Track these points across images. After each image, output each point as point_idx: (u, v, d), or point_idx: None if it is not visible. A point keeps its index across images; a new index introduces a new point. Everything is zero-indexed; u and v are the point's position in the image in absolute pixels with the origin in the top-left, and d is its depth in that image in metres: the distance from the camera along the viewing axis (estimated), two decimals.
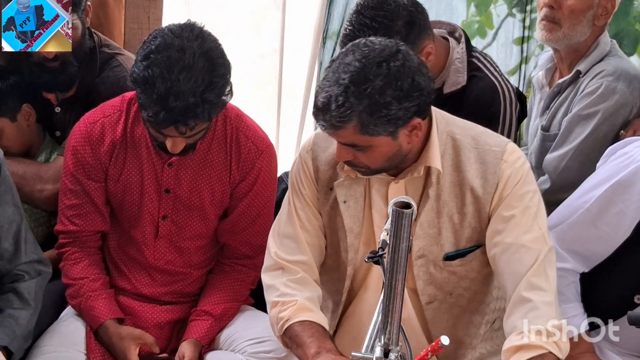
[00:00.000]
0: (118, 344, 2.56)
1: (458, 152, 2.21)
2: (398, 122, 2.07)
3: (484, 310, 2.35)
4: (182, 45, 2.33)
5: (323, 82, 2.09)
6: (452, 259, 2.26)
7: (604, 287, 2.43)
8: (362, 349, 1.87)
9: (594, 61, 2.95)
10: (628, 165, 2.35)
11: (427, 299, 2.28)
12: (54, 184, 2.78)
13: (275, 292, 2.29)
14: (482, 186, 2.19)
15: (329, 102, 2.04)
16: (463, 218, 2.21)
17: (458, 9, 4.05)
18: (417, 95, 2.07)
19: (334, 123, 2.06)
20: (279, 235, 2.36)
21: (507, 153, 2.20)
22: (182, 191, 2.61)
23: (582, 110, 2.89)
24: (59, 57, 2.76)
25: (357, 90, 2.02)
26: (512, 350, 2.08)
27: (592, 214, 2.39)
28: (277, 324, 2.25)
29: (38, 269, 2.50)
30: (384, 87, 2.03)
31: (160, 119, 2.33)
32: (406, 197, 1.82)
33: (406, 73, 2.05)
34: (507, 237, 2.16)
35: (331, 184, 2.29)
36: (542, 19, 2.96)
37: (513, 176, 2.18)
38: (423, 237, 2.22)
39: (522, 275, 2.12)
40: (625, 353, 2.46)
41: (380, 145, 2.10)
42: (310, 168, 2.33)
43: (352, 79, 2.03)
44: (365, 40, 2.11)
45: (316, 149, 2.33)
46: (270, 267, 2.35)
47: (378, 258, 1.86)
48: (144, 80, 2.32)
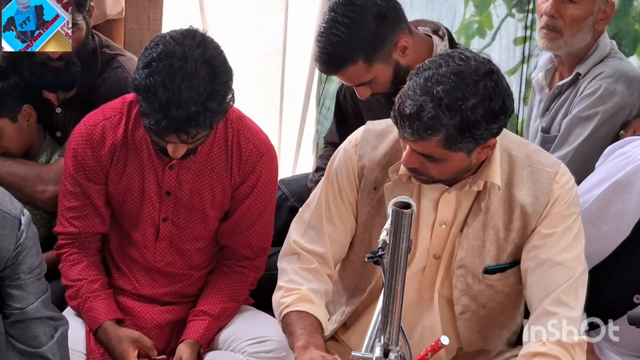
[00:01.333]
0: (117, 345, 2.56)
1: (512, 169, 2.22)
2: (479, 142, 2.08)
3: (511, 326, 2.37)
4: (184, 53, 2.32)
5: (412, 89, 2.06)
6: (492, 273, 2.27)
7: (603, 286, 2.43)
8: (362, 349, 1.87)
9: (593, 63, 2.95)
10: (627, 164, 2.35)
11: (460, 309, 2.29)
12: (55, 185, 2.77)
13: (284, 277, 2.31)
14: (532, 204, 2.20)
15: (420, 111, 2.02)
16: (508, 234, 2.23)
17: (457, 9, 4.05)
18: (504, 117, 2.08)
19: (421, 133, 2.04)
20: (303, 223, 2.37)
21: (560, 174, 2.22)
22: (183, 193, 2.61)
23: (582, 112, 2.89)
24: (63, 57, 2.76)
25: (451, 105, 2.02)
26: (528, 356, 2.11)
27: (592, 214, 2.40)
28: (278, 309, 2.27)
29: (53, 325, 2.25)
30: (476, 106, 2.03)
31: (161, 128, 2.33)
32: (406, 197, 1.81)
33: (499, 94, 2.06)
34: (543, 253, 2.18)
35: (376, 184, 2.29)
36: (542, 28, 2.95)
37: (562, 197, 2.20)
38: (467, 247, 2.23)
39: (552, 291, 2.14)
40: (625, 353, 2.46)
41: (454, 160, 2.11)
42: (354, 164, 2.32)
43: (447, 92, 2.02)
44: (459, 52, 2.10)
45: (364, 145, 2.32)
46: (287, 252, 2.37)
47: (378, 258, 1.86)
48: (146, 89, 2.32)
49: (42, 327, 2.22)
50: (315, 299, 2.26)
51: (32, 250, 2.20)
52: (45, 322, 2.23)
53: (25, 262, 2.18)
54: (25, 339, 2.21)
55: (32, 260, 2.20)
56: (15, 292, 2.18)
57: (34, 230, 2.22)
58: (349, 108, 3.11)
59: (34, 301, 2.20)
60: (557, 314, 2.11)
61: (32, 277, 2.21)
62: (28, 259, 2.18)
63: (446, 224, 2.26)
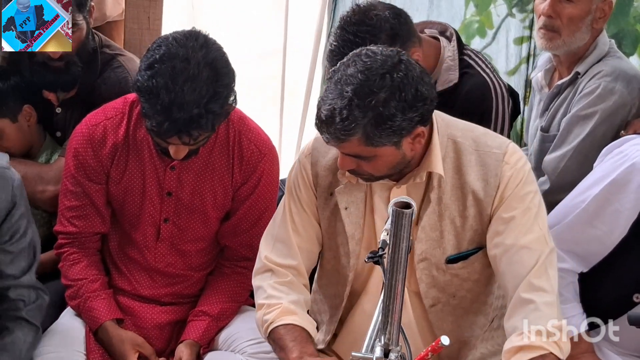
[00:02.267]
0: (118, 346, 2.56)
1: (459, 155, 2.21)
2: (402, 132, 2.07)
3: (486, 311, 2.36)
4: (187, 55, 2.32)
5: (325, 93, 2.08)
6: (455, 262, 2.26)
7: (602, 286, 2.43)
8: (362, 349, 1.87)
9: (592, 62, 2.95)
10: (623, 163, 2.35)
11: (430, 301, 2.29)
12: (55, 185, 2.78)
13: (262, 294, 2.30)
14: (484, 189, 2.19)
15: (333, 115, 2.03)
16: (465, 221, 2.22)
17: (458, 9, 4.05)
18: (421, 104, 2.07)
19: (339, 136, 2.05)
20: (272, 238, 2.36)
21: (508, 154, 2.20)
22: (184, 194, 2.61)
23: (581, 111, 2.90)
24: (63, 57, 2.76)
25: (361, 103, 2.02)
26: (512, 351, 2.08)
27: (589, 214, 2.39)
28: (262, 326, 2.27)
29: (35, 295, 2.45)
30: (387, 99, 2.03)
31: (163, 129, 2.33)
32: (406, 197, 1.82)
33: (409, 84, 2.05)
34: (507, 239, 2.16)
35: (331, 190, 2.29)
36: (540, 28, 2.95)
37: (514, 177, 2.18)
38: (425, 240, 2.22)
39: (523, 277, 2.12)
40: (625, 353, 2.46)
41: (384, 155, 2.10)
42: (309, 173, 2.33)
43: (355, 91, 2.02)
44: (366, 50, 2.10)
45: (316, 153, 2.33)
46: (260, 269, 2.36)
47: (378, 258, 1.86)
48: (148, 90, 2.32)
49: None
50: (298, 310, 2.26)
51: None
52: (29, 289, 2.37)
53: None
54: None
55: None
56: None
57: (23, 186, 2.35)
58: None
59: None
60: (532, 301, 2.09)
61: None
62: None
63: None
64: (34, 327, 2.44)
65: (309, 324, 2.26)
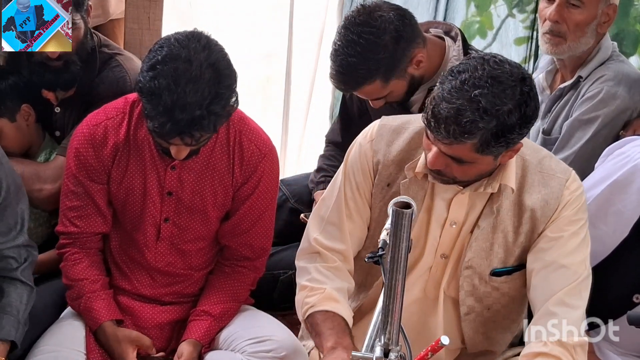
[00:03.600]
0: (116, 346, 2.56)
1: (525, 173, 2.23)
2: (510, 146, 2.09)
3: (514, 329, 2.38)
4: (189, 57, 2.32)
5: (447, 91, 2.04)
6: (499, 275, 2.28)
7: (603, 286, 2.43)
8: (362, 349, 1.87)
9: (595, 66, 2.95)
10: (625, 164, 2.35)
11: (465, 309, 2.30)
12: (52, 184, 2.78)
13: (306, 276, 2.30)
14: (542, 209, 2.21)
15: (457, 115, 2.01)
16: (517, 237, 2.24)
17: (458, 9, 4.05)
18: (534, 122, 2.10)
19: (457, 136, 2.03)
20: (322, 220, 2.35)
21: (570, 181, 2.23)
22: (184, 194, 2.61)
23: (583, 115, 2.89)
24: (62, 56, 2.76)
25: (489, 110, 2.01)
26: (530, 356, 2.11)
27: (590, 214, 2.39)
28: (302, 308, 2.26)
29: (26, 253, 2.50)
30: (512, 111, 2.03)
31: (165, 130, 2.33)
32: (406, 197, 1.81)
33: (532, 100, 2.06)
34: (549, 255, 2.19)
35: (389, 180, 2.28)
36: (546, 33, 2.94)
37: (571, 202, 2.21)
38: (475, 249, 2.24)
39: (555, 293, 2.15)
40: (625, 353, 2.46)
41: (482, 164, 2.12)
42: (370, 159, 2.31)
43: (484, 96, 2.01)
44: (491, 57, 2.09)
45: (379, 140, 2.31)
46: (306, 250, 2.35)
47: (378, 258, 1.86)
48: (150, 91, 2.32)
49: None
50: (340, 297, 2.25)
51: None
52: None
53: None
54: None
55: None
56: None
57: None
58: (354, 108, 3.11)
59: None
60: (558, 314, 2.12)
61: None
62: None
63: (457, 224, 2.26)
64: (27, 286, 2.48)
65: (349, 313, 2.26)
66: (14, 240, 2.46)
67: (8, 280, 2.46)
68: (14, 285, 2.46)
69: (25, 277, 2.48)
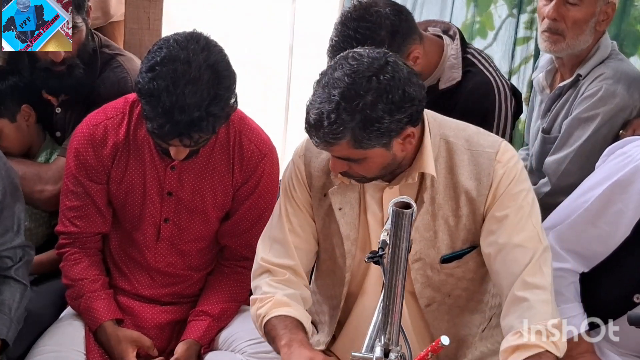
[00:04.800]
0: (116, 346, 2.56)
1: (452, 155, 2.21)
2: (391, 134, 2.07)
3: (482, 309, 2.36)
4: (188, 58, 2.32)
5: (313, 97, 2.08)
6: (449, 261, 2.26)
7: (603, 286, 2.43)
8: (362, 349, 1.87)
9: (594, 64, 2.94)
10: (627, 164, 2.35)
11: (425, 301, 2.28)
12: (54, 185, 2.78)
13: (258, 292, 2.30)
14: (476, 188, 2.19)
15: (321, 119, 2.03)
16: (458, 220, 2.22)
17: (458, 10, 4.05)
18: (409, 105, 2.06)
19: (327, 139, 2.06)
20: (269, 239, 2.36)
21: (500, 153, 2.20)
22: (184, 194, 2.61)
23: (582, 113, 2.89)
24: (66, 60, 2.76)
25: (349, 107, 2.02)
26: (509, 351, 2.08)
27: (592, 214, 2.39)
28: (257, 321, 2.26)
29: (22, 253, 2.51)
30: (375, 102, 2.02)
31: (164, 132, 2.33)
32: (406, 197, 1.81)
33: (396, 85, 2.04)
34: (500, 237, 2.16)
35: (325, 190, 2.29)
36: (544, 31, 2.94)
37: (506, 175, 2.18)
38: (419, 240, 2.22)
39: (517, 275, 2.12)
40: (625, 353, 2.46)
41: (374, 157, 2.10)
42: (302, 173, 2.32)
43: (342, 95, 2.02)
44: (352, 53, 2.10)
45: (308, 154, 2.33)
46: (257, 271, 2.35)
47: (378, 258, 1.86)
48: (149, 93, 2.32)
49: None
50: (291, 302, 2.25)
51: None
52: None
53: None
54: None
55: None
56: None
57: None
58: None
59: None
60: (527, 299, 2.09)
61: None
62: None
63: None
64: (21, 284, 2.49)
65: (303, 316, 2.24)
66: (11, 242, 2.46)
67: (1, 278, 2.47)
68: (7, 283, 2.47)
69: (19, 276, 2.49)
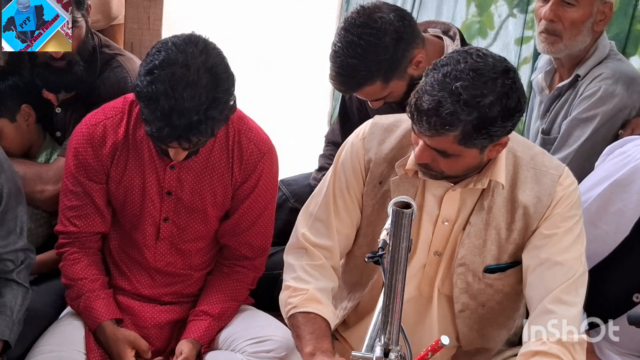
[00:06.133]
0: (114, 346, 2.56)
1: (517, 170, 2.23)
2: (493, 139, 2.09)
3: (510, 326, 2.38)
4: (187, 61, 2.32)
5: (428, 85, 2.06)
6: (492, 272, 2.27)
7: (603, 286, 2.43)
8: (362, 349, 1.87)
9: (593, 64, 2.94)
10: (626, 164, 2.35)
11: (460, 307, 2.30)
12: (54, 185, 2.77)
13: (292, 274, 2.31)
14: (535, 205, 2.21)
15: (438, 107, 2.03)
16: (510, 234, 2.24)
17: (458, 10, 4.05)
18: (518, 115, 2.09)
19: (438, 128, 2.05)
20: (311, 216, 2.36)
21: (564, 177, 2.23)
22: (184, 193, 2.61)
23: (581, 114, 2.89)
24: (65, 56, 2.76)
25: (470, 101, 2.02)
26: (529, 354, 2.10)
27: (591, 214, 2.40)
28: (285, 308, 2.28)
29: (24, 256, 2.52)
30: (494, 103, 2.03)
31: (163, 135, 2.33)
32: (406, 197, 1.81)
33: (515, 92, 2.06)
34: (544, 253, 2.18)
35: (381, 179, 2.29)
36: (542, 32, 2.94)
37: (565, 198, 2.21)
38: (468, 246, 2.24)
39: (552, 290, 2.14)
40: (625, 353, 2.46)
41: (467, 157, 2.11)
42: (361, 158, 2.32)
43: (465, 88, 2.02)
44: (476, 50, 2.11)
45: (371, 139, 2.32)
46: (294, 245, 2.37)
47: (378, 258, 1.86)
48: (148, 96, 2.32)
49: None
50: (323, 298, 2.26)
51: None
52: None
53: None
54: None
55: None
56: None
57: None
58: (353, 108, 3.12)
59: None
60: (556, 312, 2.12)
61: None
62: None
63: (449, 221, 2.26)
64: (23, 287, 2.49)
65: (331, 314, 2.26)
66: (14, 244, 2.46)
67: (3, 281, 2.47)
68: (9, 286, 2.47)
69: (21, 279, 2.49)
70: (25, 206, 2.53)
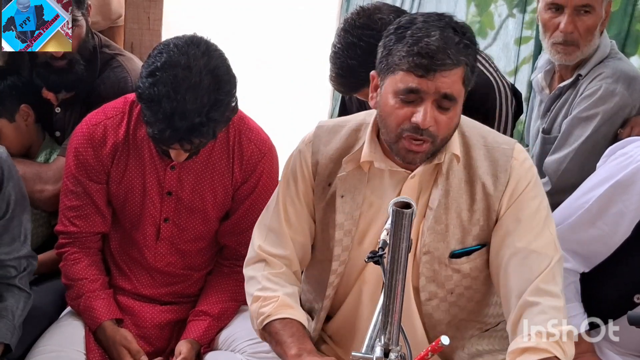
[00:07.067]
0: (112, 347, 2.56)
1: (468, 149, 2.21)
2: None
3: (480, 313, 2.34)
4: (189, 63, 2.32)
5: (420, 31, 2.06)
6: (458, 257, 2.24)
7: (603, 286, 2.43)
8: (362, 349, 1.87)
9: (594, 64, 2.95)
10: (628, 165, 2.35)
11: (427, 295, 2.26)
12: (54, 185, 2.78)
13: (256, 285, 2.29)
14: (493, 184, 2.18)
15: (446, 42, 2.04)
16: (472, 215, 2.20)
17: (459, 9, 4.05)
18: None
19: (453, 61, 2.05)
20: (264, 227, 2.35)
21: (517, 151, 2.20)
22: (184, 194, 2.61)
23: (582, 113, 2.89)
24: (66, 55, 2.76)
25: (468, 39, 2.08)
26: (517, 352, 2.06)
27: (592, 214, 2.39)
28: (257, 319, 2.25)
29: (26, 263, 2.52)
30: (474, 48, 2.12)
31: (165, 137, 2.34)
32: (406, 197, 1.81)
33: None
34: (518, 241, 2.15)
35: (330, 180, 2.27)
36: (558, 44, 2.93)
37: (524, 177, 2.18)
38: (430, 233, 2.21)
39: (531, 281, 2.10)
40: (625, 353, 2.46)
41: (458, 108, 2.12)
42: (309, 162, 2.31)
43: (456, 27, 2.07)
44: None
45: (317, 142, 2.31)
46: (253, 258, 2.35)
47: (378, 258, 1.85)
48: (150, 98, 2.32)
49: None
50: (293, 303, 2.26)
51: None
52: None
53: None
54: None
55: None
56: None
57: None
58: (353, 109, 3.11)
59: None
60: (539, 304, 2.08)
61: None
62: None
63: None
64: (24, 292, 2.50)
65: (304, 317, 2.25)
66: (18, 252, 2.47)
67: (5, 286, 2.48)
68: (11, 291, 2.48)
69: (22, 285, 2.50)
70: (30, 213, 2.53)
